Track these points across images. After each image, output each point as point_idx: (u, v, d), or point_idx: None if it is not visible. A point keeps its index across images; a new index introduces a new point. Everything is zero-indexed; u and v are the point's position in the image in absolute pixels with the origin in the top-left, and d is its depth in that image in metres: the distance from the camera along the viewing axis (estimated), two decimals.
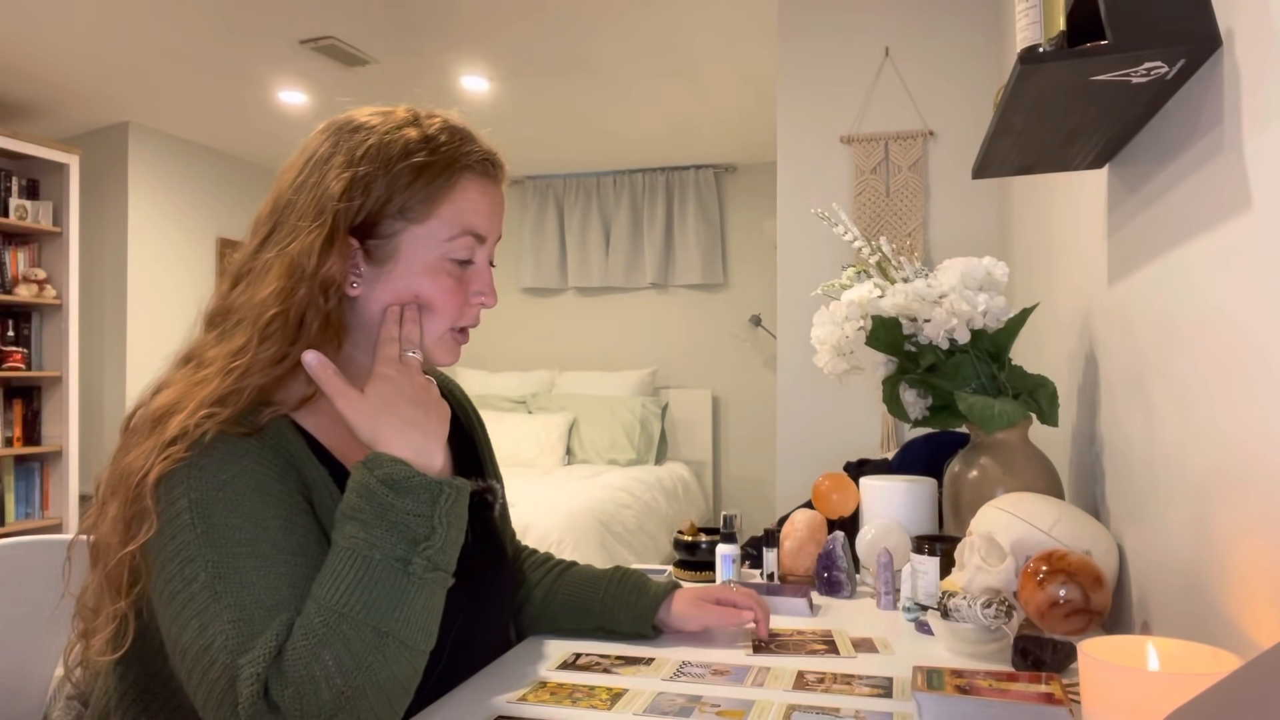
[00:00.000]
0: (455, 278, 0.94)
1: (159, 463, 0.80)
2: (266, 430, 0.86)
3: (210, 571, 0.78)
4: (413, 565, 0.79)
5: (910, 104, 2.78)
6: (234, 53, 3.61)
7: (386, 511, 0.80)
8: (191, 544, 0.79)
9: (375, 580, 0.77)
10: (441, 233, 0.92)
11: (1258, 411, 0.78)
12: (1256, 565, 0.78)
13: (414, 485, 0.81)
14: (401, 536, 0.79)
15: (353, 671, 0.75)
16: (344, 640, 0.75)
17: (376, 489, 0.80)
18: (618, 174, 5.39)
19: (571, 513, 3.58)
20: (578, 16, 3.28)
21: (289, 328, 0.87)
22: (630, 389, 5.10)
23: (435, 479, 0.82)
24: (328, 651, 0.75)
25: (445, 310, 0.93)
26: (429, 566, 0.80)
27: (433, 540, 0.81)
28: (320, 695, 0.74)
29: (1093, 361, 1.38)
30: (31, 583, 1.14)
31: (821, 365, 1.46)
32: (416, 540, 0.80)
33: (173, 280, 4.74)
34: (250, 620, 0.76)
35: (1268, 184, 0.76)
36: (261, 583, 0.78)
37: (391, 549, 0.79)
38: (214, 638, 0.76)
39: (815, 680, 0.99)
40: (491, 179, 0.97)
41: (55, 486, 4.11)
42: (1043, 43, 0.93)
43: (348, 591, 0.76)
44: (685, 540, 1.62)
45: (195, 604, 0.77)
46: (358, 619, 0.76)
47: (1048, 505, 1.12)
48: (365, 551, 0.78)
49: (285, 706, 0.74)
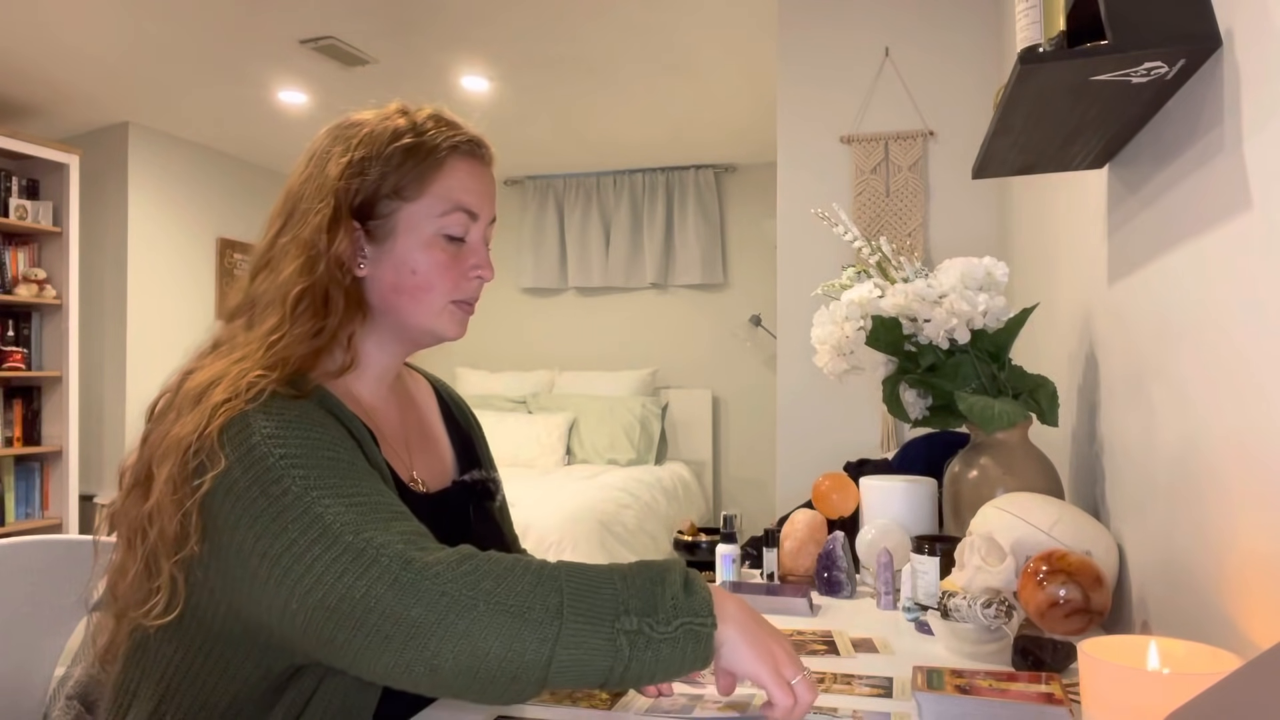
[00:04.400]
0: (449, 253, 0.98)
1: (220, 416, 0.82)
2: (316, 397, 0.90)
3: (301, 485, 0.79)
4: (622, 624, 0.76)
5: (910, 104, 2.78)
6: (234, 53, 3.61)
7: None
8: (274, 468, 0.79)
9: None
10: (435, 209, 0.97)
11: (1258, 411, 0.78)
12: (1256, 565, 0.78)
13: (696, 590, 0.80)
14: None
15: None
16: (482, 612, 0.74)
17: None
18: (618, 174, 5.39)
19: (571, 513, 3.58)
20: (578, 16, 3.28)
21: (317, 302, 0.92)
22: (630, 389, 5.10)
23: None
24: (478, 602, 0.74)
25: (441, 282, 0.98)
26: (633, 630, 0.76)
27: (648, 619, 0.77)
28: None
29: (1093, 361, 1.38)
30: (31, 583, 1.14)
31: (821, 365, 1.46)
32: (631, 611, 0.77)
33: (173, 280, 4.74)
34: (360, 512, 0.77)
35: (1268, 184, 0.76)
36: (358, 490, 0.80)
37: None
38: (324, 531, 0.76)
39: (815, 680, 0.99)
40: (479, 160, 1.02)
41: (55, 486, 4.11)
42: (1043, 43, 0.93)
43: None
44: (685, 540, 1.62)
45: (289, 513, 0.77)
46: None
47: (1048, 505, 1.12)
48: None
49: (425, 583, 0.74)
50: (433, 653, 0.73)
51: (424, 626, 0.73)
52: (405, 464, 1.03)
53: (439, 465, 1.09)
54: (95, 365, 4.51)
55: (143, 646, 0.89)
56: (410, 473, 1.03)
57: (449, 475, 1.10)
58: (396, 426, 1.05)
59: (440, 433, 1.14)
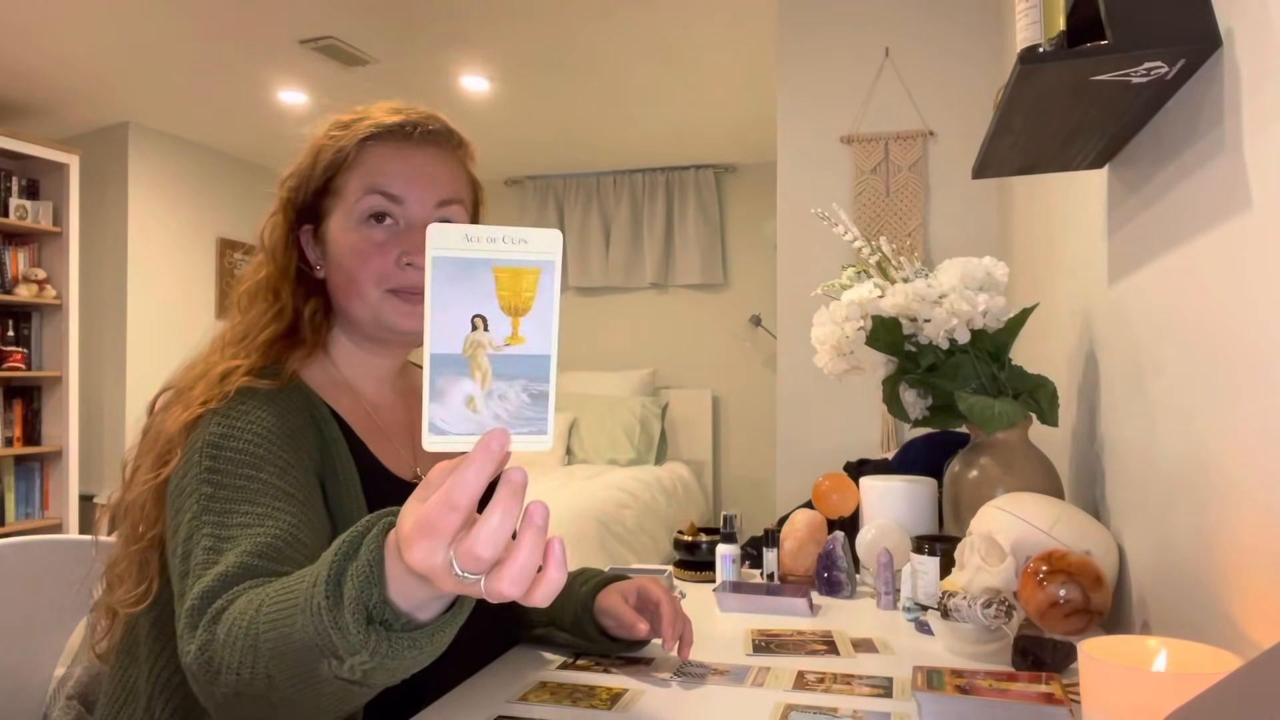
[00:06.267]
0: (371, 241, 0.97)
1: (189, 412, 0.88)
2: (293, 387, 0.94)
3: (201, 504, 0.82)
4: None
5: (910, 104, 2.78)
6: (234, 53, 3.61)
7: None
8: (194, 479, 0.84)
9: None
10: (351, 198, 0.98)
11: (1258, 411, 0.78)
12: (1256, 565, 0.78)
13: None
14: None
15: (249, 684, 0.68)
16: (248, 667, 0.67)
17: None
18: (618, 174, 5.39)
19: (571, 513, 3.57)
20: (578, 16, 3.28)
21: (268, 290, 0.99)
22: (630, 389, 5.10)
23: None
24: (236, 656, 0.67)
25: (363, 271, 0.96)
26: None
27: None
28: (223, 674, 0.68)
29: (1093, 361, 1.38)
30: (31, 583, 1.14)
31: (821, 365, 1.46)
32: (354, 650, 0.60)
33: (173, 280, 4.74)
34: (219, 548, 0.79)
35: (1268, 184, 0.76)
36: (236, 522, 0.81)
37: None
38: (189, 564, 0.79)
39: (815, 680, 0.99)
40: (407, 140, 0.99)
41: (55, 486, 4.10)
42: (1043, 43, 0.93)
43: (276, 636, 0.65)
44: (685, 540, 1.62)
45: (184, 529, 0.81)
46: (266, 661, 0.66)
47: (1048, 505, 1.12)
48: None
49: (196, 666, 0.70)
50: (259, 714, 0.70)
51: (225, 700, 0.69)
52: (407, 459, 1.04)
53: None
54: (95, 365, 4.51)
55: (135, 642, 0.90)
56: (414, 468, 1.03)
57: None
58: (401, 422, 1.07)
59: None
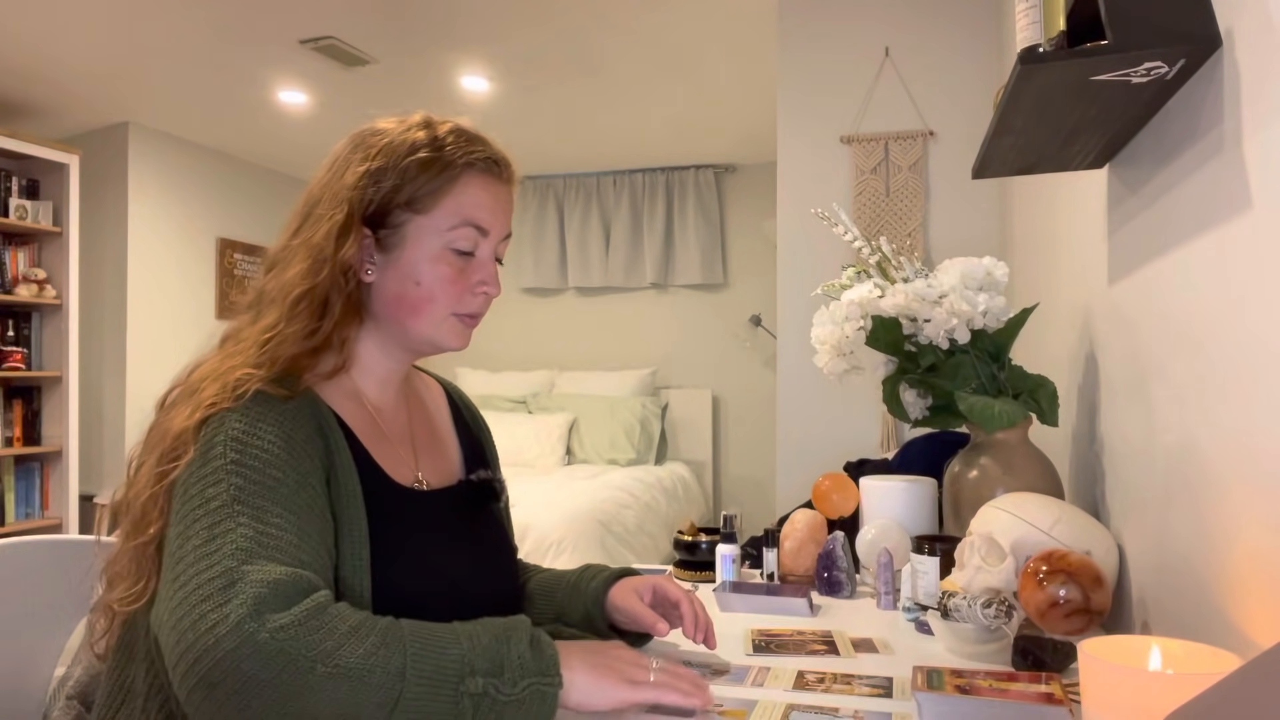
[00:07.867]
0: (455, 267, 0.99)
1: (201, 411, 0.87)
2: (302, 396, 0.92)
3: (232, 494, 0.81)
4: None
5: (910, 104, 2.78)
6: (234, 53, 3.61)
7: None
8: (219, 470, 0.82)
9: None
10: (444, 223, 0.98)
11: (1258, 411, 0.78)
12: (1256, 565, 0.78)
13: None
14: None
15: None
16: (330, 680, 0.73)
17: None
18: (618, 174, 5.39)
19: (572, 513, 3.58)
20: (578, 17, 3.28)
21: (315, 305, 0.94)
22: (630, 389, 5.10)
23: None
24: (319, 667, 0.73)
25: (444, 296, 0.99)
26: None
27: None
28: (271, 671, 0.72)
29: (1093, 361, 1.38)
30: (31, 583, 1.14)
31: (821, 365, 1.46)
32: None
33: (173, 280, 4.74)
34: (261, 541, 0.78)
35: (1268, 184, 0.76)
36: (274, 520, 0.81)
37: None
38: (222, 544, 0.77)
39: (815, 680, 0.99)
40: (497, 178, 1.03)
41: (55, 486, 4.10)
42: (1043, 43, 0.93)
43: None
44: (685, 540, 1.62)
45: (209, 517, 0.80)
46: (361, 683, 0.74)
47: (1048, 505, 1.12)
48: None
49: (264, 636, 0.72)
50: (256, 713, 0.71)
51: (253, 682, 0.71)
52: (409, 463, 1.04)
53: (446, 465, 1.10)
54: (95, 365, 4.51)
55: (133, 640, 0.90)
56: (415, 473, 1.03)
57: (455, 475, 1.11)
58: (403, 427, 1.07)
59: (449, 434, 1.15)
